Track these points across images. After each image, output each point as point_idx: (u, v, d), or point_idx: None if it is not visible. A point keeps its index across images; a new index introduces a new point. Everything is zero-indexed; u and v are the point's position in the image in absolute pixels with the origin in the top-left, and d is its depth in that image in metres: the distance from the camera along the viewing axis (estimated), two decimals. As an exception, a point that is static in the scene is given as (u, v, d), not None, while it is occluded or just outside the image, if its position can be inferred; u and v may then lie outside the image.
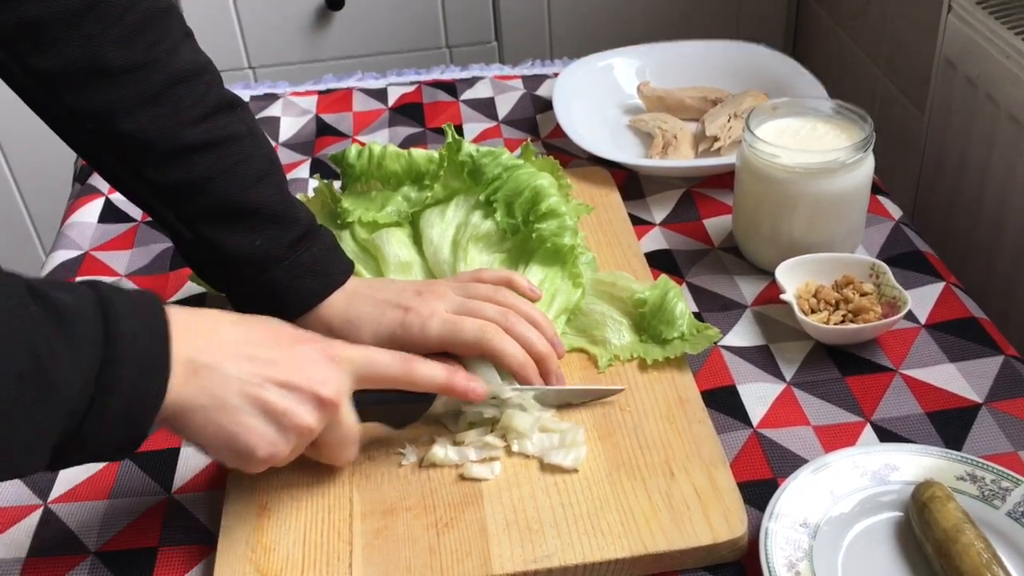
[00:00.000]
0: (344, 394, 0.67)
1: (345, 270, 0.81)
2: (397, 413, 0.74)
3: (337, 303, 0.79)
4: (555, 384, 0.78)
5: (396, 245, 0.89)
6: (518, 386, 0.77)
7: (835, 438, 0.77)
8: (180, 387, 0.60)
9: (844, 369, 0.83)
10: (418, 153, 0.94)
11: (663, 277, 0.86)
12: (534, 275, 0.85)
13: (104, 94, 0.73)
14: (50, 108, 0.74)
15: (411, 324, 0.77)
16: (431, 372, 0.71)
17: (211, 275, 0.80)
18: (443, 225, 0.89)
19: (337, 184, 1.00)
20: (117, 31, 0.72)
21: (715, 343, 0.85)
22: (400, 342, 0.77)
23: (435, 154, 0.93)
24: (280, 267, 0.77)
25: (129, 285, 0.97)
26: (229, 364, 0.62)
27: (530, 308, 0.81)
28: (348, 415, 0.68)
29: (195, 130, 0.75)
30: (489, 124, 1.21)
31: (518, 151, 0.96)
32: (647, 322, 0.84)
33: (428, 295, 0.79)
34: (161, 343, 0.59)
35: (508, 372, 0.77)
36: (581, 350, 0.84)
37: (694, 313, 0.89)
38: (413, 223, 0.92)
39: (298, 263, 0.78)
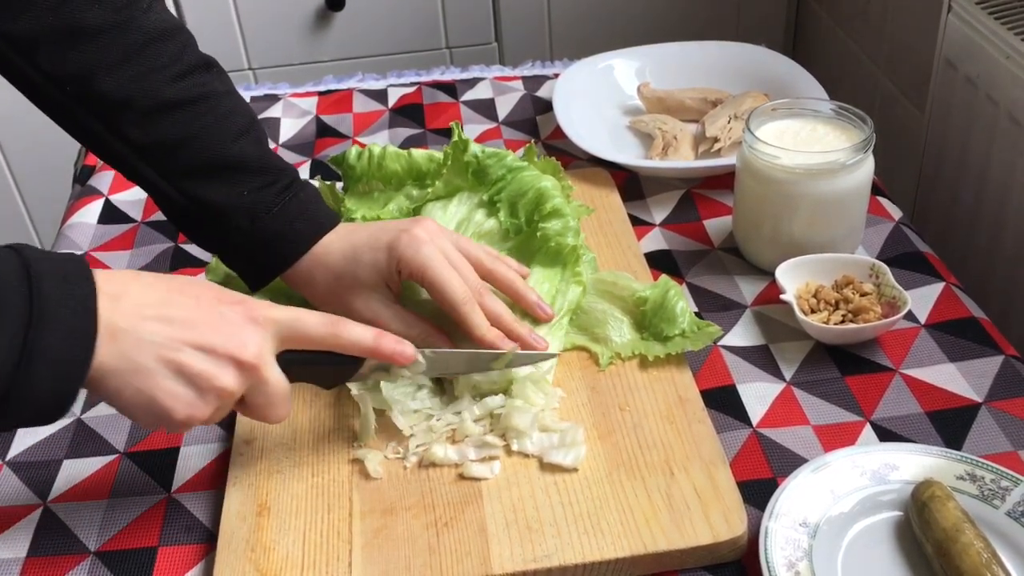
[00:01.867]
0: (266, 356, 0.65)
1: (334, 216, 0.82)
2: (326, 374, 0.73)
3: (332, 242, 0.80)
4: (537, 345, 0.80)
5: None
6: (442, 350, 0.77)
7: (835, 438, 0.77)
8: (98, 351, 0.59)
9: (844, 369, 0.83)
10: (418, 153, 0.94)
11: (664, 276, 0.86)
12: (536, 274, 0.85)
13: (82, 55, 0.73)
14: (28, 75, 0.74)
15: (403, 241, 0.77)
16: (358, 335, 0.69)
17: (202, 234, 0.81)
18: (444, 219, 0.89)
19: (339, 186, 1.00)
20: None
21: (716, 340, 0.85)
22: (394, 261, 0.77)
23: (436, 154, 0.93)
24: (270, 215, 0.78)
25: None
26: (145, 327, 0.61)
27: (516, 282, 0.82)
28: (272, 376, 0.66)
29: (174, 87, 0.76)
30: (489, 125, 1.21)
31: (520, 152, 0.96)
32: (648, 320, 0.84)
33: (425, 223, 0.79)
34: (87, 309, 0.58)
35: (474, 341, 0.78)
36: (583, 348, 0.84)
37: (694, 313, 0.89)
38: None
39: (287, 210, 0.79)
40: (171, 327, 0.62)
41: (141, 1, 0.76)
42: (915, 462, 0.72)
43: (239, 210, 0.78)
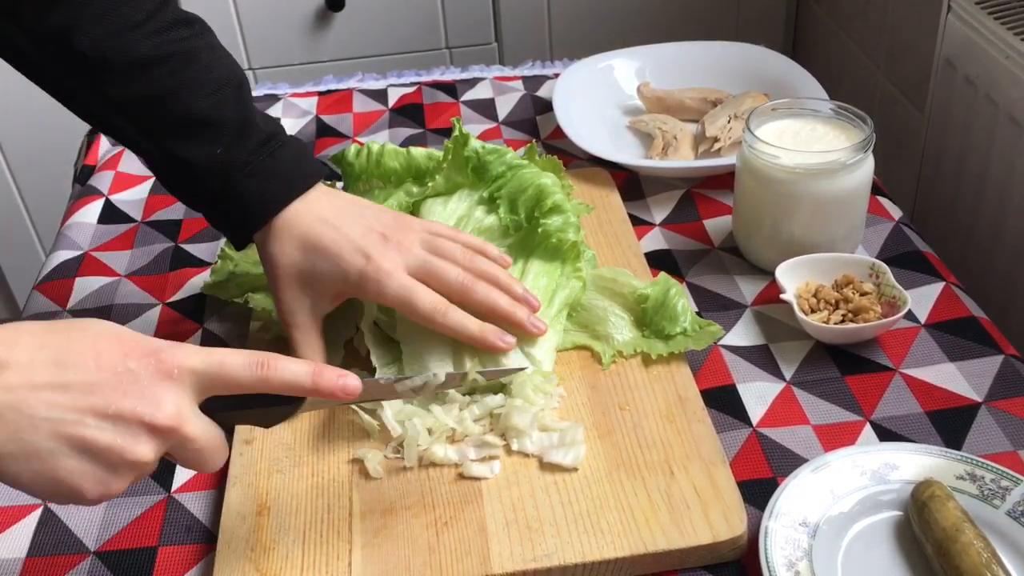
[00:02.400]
0: (185, 413, 0.56)
1: (314, 172, 0.80)
2: (264, 416, 0.64)
3: (305, 221, 0.78)
4: (533, 331, 0.79)
5: None
6: (401, 376, 0.73)
7: (835, 437, 0.77)
8: None
9: (844, 368, 0.83)
10: (417, 151, 0.94)
11: (663, 274, 0.86)
12: (535, 270, 0.85)
13: (60, 16, 0.74)
14: (10, 34, 0.75)
15: (368, 277, 0.76)
16: (292, 375, 0.60)
17: (181, 190, 0.81)
18: (444, 215, 0.89)
19: (340, 186, 1.00)
20: None
21: (717, 340, 0.85)
22: (355, 290, 0.77)
23: (435, 152, 0.93)
24: (243, 173, 0.77)
25: (130, 286, 0.97)
26: (38, 400, 0.52)
27: (496, 271, 0.81)
28: (197, 431, 0.57)
29: (149, 42, 0.76)
30: (489, 125, 1.21)
31: (522, 151, 0.96)
32: (649, 318, 0.84)
33: (392, 244, 0.78)
34: None
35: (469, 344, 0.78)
36: (584, 347, 0.84)
37: (694, 313, 0.89)
38: (414, 213, 0.92)
39: (262, 168, 0.78)
40: (68, 395, 0.53)
41: None
42: (915, 462, 0.72)
43: (213, 168, 0.77)
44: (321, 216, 0.79)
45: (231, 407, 0.61)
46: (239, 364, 0.59)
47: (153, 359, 0.56)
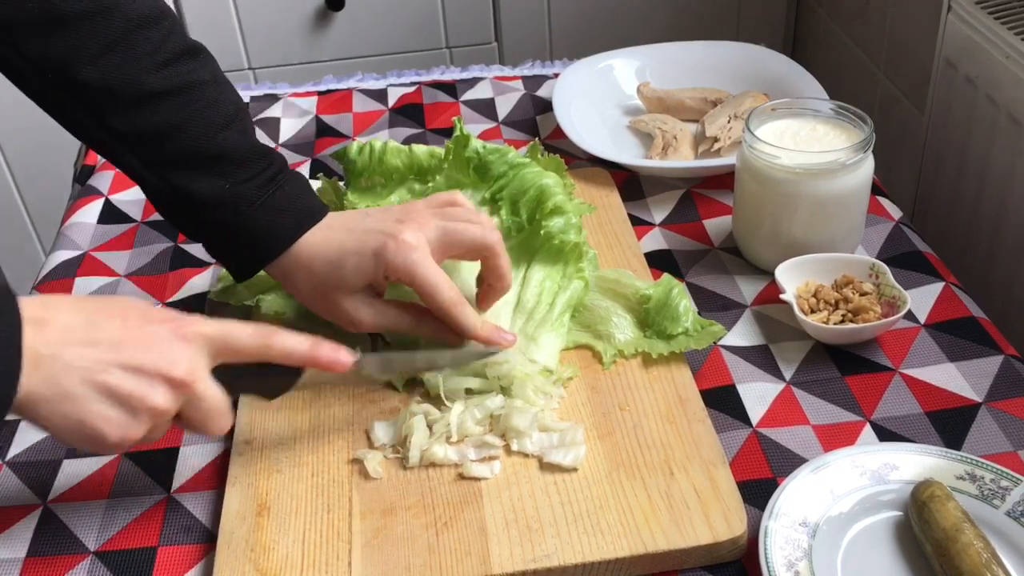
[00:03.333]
0: (198, 371, 0.64)
1: (320, 209, 0.80)
2: (266, 385, 0.72)
3: (315, 240, 0.78)
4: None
5: None
6: (384, 353, 0.79)
7: (834, 437, 0.77)
8: (24, 378, 0.59)
9: (844, 369, 0.83)
10: (419, 148, 0.94)
11: (666, 275, 0.86)
12: (537, 272, 0.85)
13: (63, 42, 0.73)
14: (10, 59, 0.74)
15: (395, 252, 0.75)
16: (291, 346, 0.68)
17: (187, 224, 0.80)
18: None
19: (342, 184, 1.00)
20: None
21: (718, 339, 0.85)
22: (385, 270, 0.76)
23: (437, 150, 0.93)
24: (253, 208, 0.77)
25: (129, 286, 0.97)
26: (72, 352, 0.60)
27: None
28: (207, 391, 0.65)
29: (157, 76, 0.75)
30: (489, 125, 1.21)
31: (524, 150, 0.96)
32: (651, 318, 0.84)
33: (408, 222, 0.77)
34: (11, 343, 0.58)
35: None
36: (585, 347, 0.84)
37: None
38: None
39: (271, 203, 0.78)
40: (97, 349, 0.61)
41: None
42: (915, 462, 0.72)
43: (222, 202, 0.77)
44: (330, 229, 0.79)
45: (237, 378, 0.68)
46: (244, 333, 0.67)
47: (171, 324, 0.65)
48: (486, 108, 1.24)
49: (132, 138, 0.76)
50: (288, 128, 1.23)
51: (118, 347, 0.62)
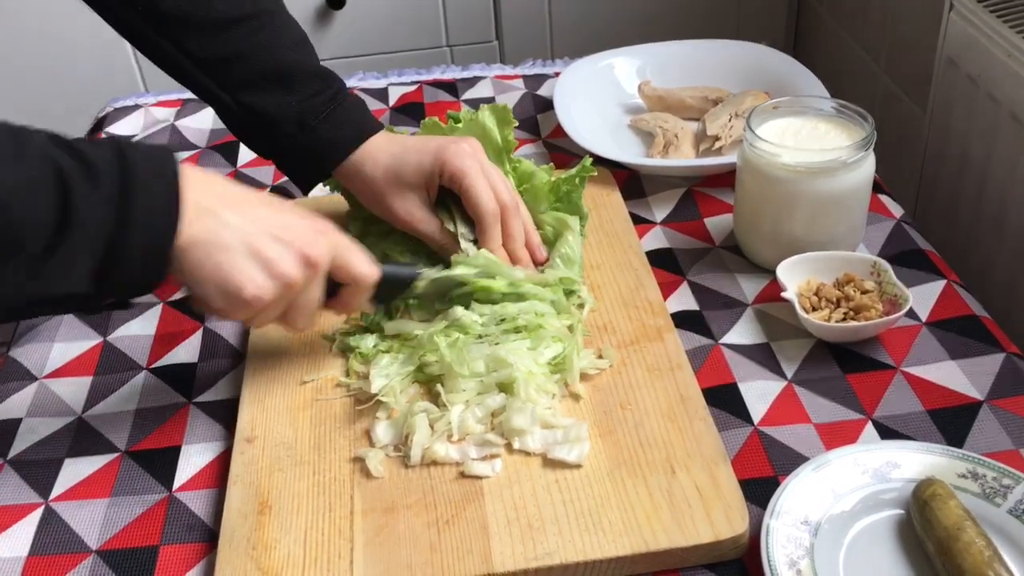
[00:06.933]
0: (324, 261, 0.72)
1: (377, 124, 0.89)
2: (380, 289, 0.79)
3: (379, 140, 0.88)
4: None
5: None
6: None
7: (836, 436, 0.77)
8: (187, 225, 0.65)
9: (845, 367, 0.83)
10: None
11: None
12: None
13: None
14: None
15: (455, 154, 0.84)
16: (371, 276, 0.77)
17: (257, 141, 0.90)
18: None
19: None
20: None
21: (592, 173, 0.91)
22: (441, 166, 0.84)
23: None
24: (318, 121, 0.86)
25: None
26: (229, 212, 0.68)
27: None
28: (318, 286, 0.73)
29: (229, 4, 0.85)
30: (490, 123, 1.21)
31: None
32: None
33: (471, 140, 0.87)
34: (172, 184, 0.65)
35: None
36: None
37: (695, 311, 0.89)
38: None
39: (334, 116, 0.87)
40: (250, 216, 0.69)
41: None
42: (916, 460, 0.72)
43: (289, 118, 0.86)
44: (391, 139, 0.88)
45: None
46: (359, 259, 0.76)
47: (311, 219, 0.73)
48: (487, 107, 1.24)
49: (207, 62, 0.85)
50: (289, 127, 1.23)
51: (269, 220, 0.70)
